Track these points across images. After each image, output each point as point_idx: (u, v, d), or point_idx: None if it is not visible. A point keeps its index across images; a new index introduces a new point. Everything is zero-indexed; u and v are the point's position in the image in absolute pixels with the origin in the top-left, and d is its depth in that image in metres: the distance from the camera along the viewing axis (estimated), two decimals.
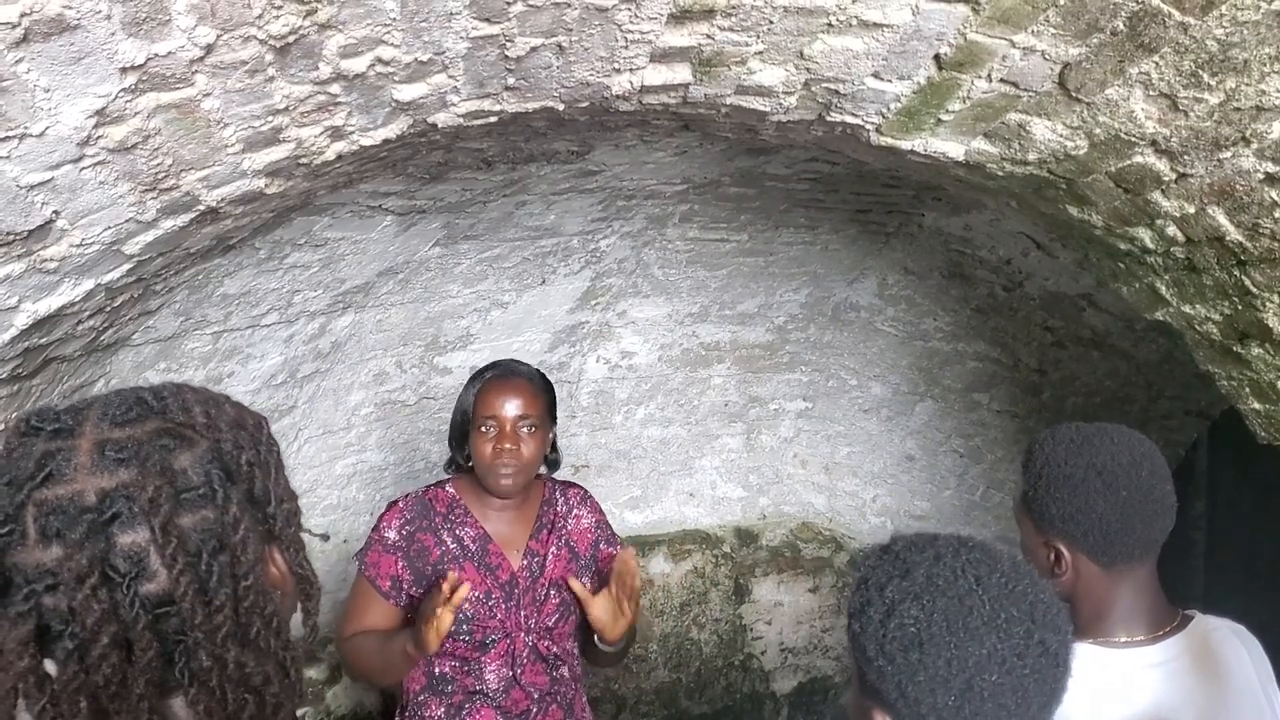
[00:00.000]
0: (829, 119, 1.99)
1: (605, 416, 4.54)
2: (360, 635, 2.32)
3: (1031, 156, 1.93)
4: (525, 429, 2.30)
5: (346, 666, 2.38)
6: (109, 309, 2.10)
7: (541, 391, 2.40)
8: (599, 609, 2.26)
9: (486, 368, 2.45)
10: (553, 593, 2.37)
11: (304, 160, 1.83)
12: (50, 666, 0.81)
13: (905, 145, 2.01)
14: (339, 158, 1.88)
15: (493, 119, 1.94)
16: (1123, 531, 1.60)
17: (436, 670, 2.34)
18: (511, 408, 2.29)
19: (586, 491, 2.61)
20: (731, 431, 4.79)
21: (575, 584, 2.32)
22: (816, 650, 4.93)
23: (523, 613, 2.34)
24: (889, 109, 1.89)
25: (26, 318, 1.78)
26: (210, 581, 0.82)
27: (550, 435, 2.42)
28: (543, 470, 2.48)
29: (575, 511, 2.51)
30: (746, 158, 3.26)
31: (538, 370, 2.47)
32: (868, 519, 4.93)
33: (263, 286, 2.77)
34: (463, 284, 3.58)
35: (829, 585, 4.92)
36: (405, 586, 2.33)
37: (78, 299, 1.85)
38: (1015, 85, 1.74)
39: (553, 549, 2.41)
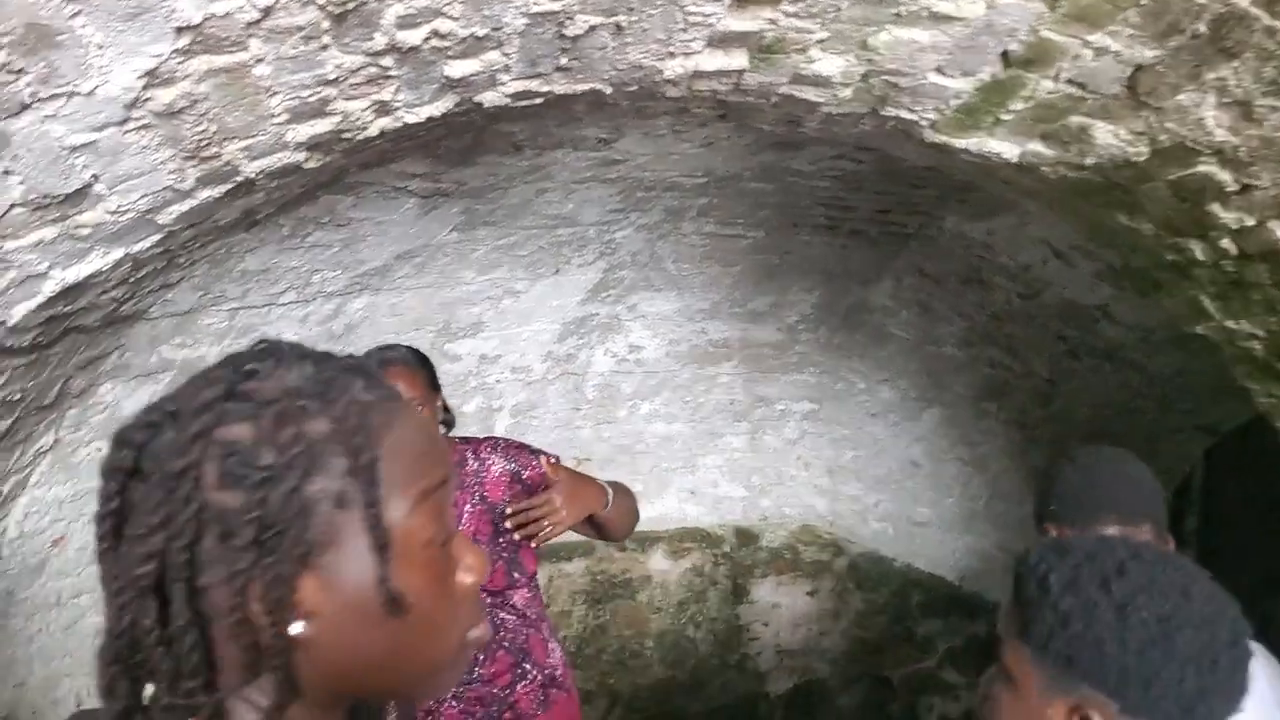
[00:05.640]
0: (882, 113, 1.94)
1: (610, 410, 4.48)
2: None
3: (1089, 161, 1.89)
4: (413, 403, 2.37)
5: None
6: (133, 280, 2.04)
7: (418, 369, 2.43)
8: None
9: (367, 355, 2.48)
10: None
11: (347, 135, 1.78)
12: None
13: (959, 144, 1.96)
14: (381, 134, 1.83)
15: (538, 100, 1.89)
16: None
17: None
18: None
19: (499, 439, 2.62)
20: (736, 431, 4.75)
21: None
22: (813, 653, 4.89)
23: None
24: (948, 105, 1.85)
25: (55, 285, 1.72)
26: (127, 562, 0.81)
27: (438, 404, 2.45)
28: (452, 435, 2.56)
29: (486, 463, 2.53)
30: (772, 152, 3.21)
31: (406, 349, 2.48)
32: (869, 524, 4.90)
33: (283, 264, 2.71)
34: (477, 271, 3.53)
35: (828, 589, 4.88)
36: None
37: (106, 268, 1.80)
38: (1082, 87, 1.70)
39: (466, 508, 2.47)
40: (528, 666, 2.54)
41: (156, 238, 1.83)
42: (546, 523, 2.31)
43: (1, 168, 1.36)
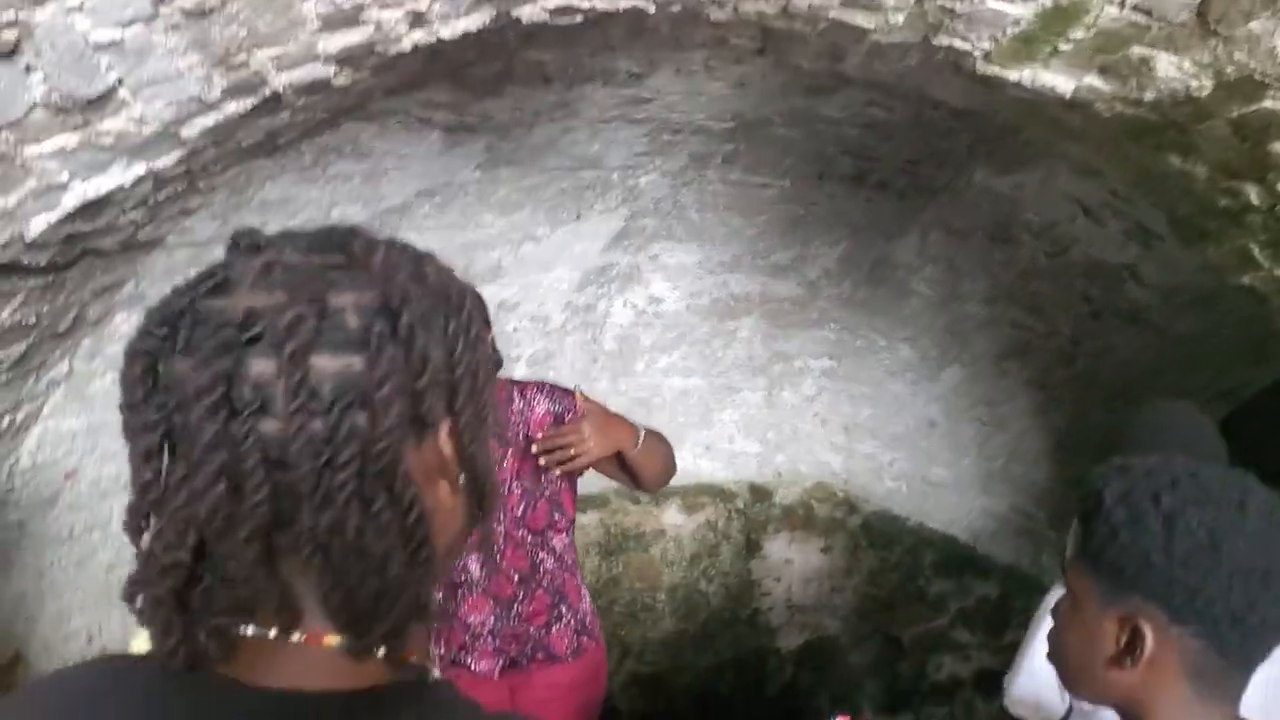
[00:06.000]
0: (934, 43, 1.87)
1: (628, 363, 4.43)
2: None
3: (1148, 96, 1.81)
4: None
5: None
6: (152, 202, 1.98)
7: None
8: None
9: None
10: (515, 485, 2.52)
11: (379, 48, 1.71)
12: None
13: (1012, 76, 1.89)
14: (414, 50, 1.76)
15: (578, 18, 1.82)
16: None
17: None
18: None
19: (545, 382, 2.66)
20: (753, 386, 4.69)
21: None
22: (824, 610, 4.87)
23: None
24: (1004, 33, 1.78)
25: (74, 198, 1.66)
26: (337, 436, 0.72)
27: (489, 339, 2.47)
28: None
29: (532, 403, 2.57)
30: (803, 96, 3.13)
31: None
32: (884, 483, 4.85)
33: (302, 196, 2.64)
34: (498, 213, 3.46)
35: (841, 546, 4.84)
36: None
37: (127, 184, 1.73)
38: (1149, 14, 1.63)
39: (510, 446, 2.53)
40: (563, 609, 2.58)
41: (179, 154, 1.76)
42: (573, 451, 2.33)
43: (23, 63, 1.30)
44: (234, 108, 1.69)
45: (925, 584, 4.83)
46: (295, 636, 0.77)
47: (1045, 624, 2.23)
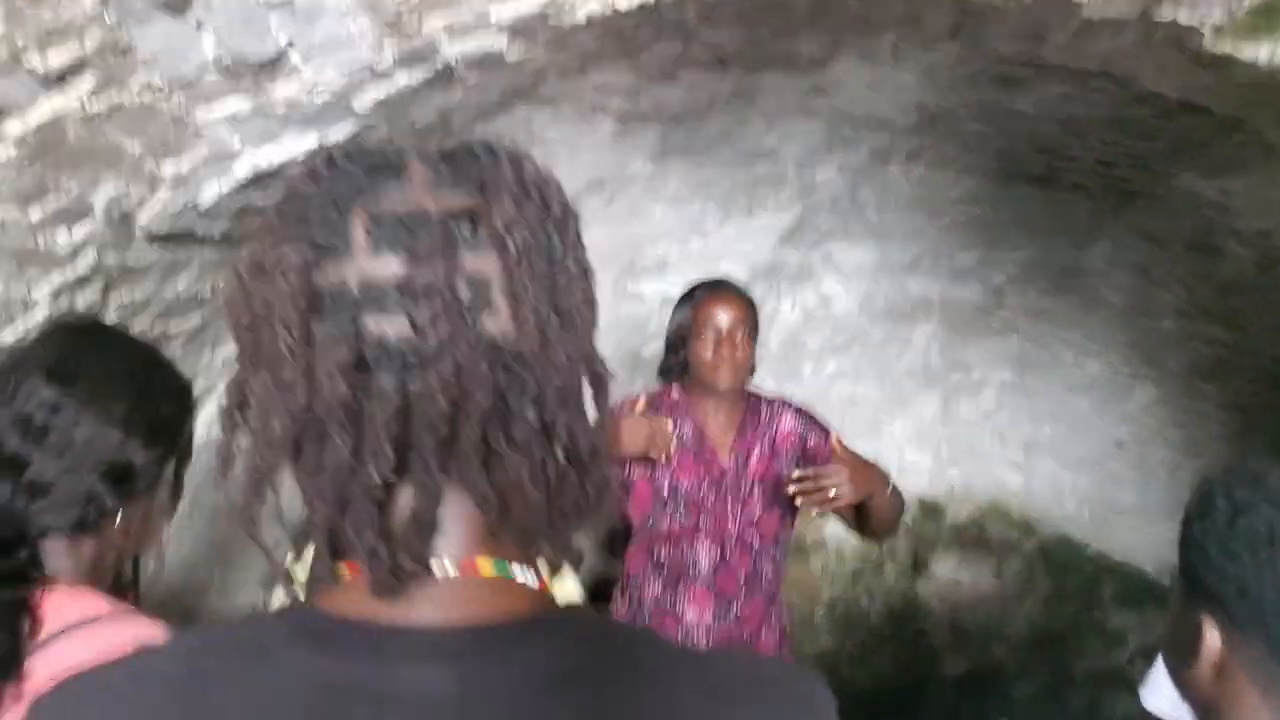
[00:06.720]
0: (1154, 19, 1.69)
1: (794, 365, 4.30)
2: None
3: None
4: (740, 334, 2.56)
5: None
6: None
7: (750, 304, 2.65)
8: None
9: (702, 285, 2.72)
10: (756, 488, 2.62)
11: (552, 20, 1.64)
12: None
13: (1247, 55, 1.69)
14: (588, 22, 1.69)
15: None
16: None
17: (655, 555, 2.63)
18: (729, 316, 2.56)
19: (788, 401, 2.79)
20: (927, 396, 4.49)
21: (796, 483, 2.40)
22: (993, 636, 4.61)
23: (728, 501, 2.60)
24: (1240, 4, 1.59)
25: (246, 167, 1.65)
26: (549, 330, 0.69)
27: (755, 341, 2.65)
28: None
29: (779, 416, 2.71)
30: (994, 88, 2.95)
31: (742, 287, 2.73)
32: (1064, 506, 4.57)
33: None
34: (668, 205, 3.39)
35: (1014, 571, 4.59)
36: None
37: (300, 155, 1.72)
38: None
39: (756, 449, 2.64)
40: (773, 619, 2.67)
41: (351, 126, 1.74)
42: (832, 493, 2.33)
43: (194, 19, 1.28)
44: (405, 80, 1.65)
45: (1103, 616, 4.53)
46: (450, 570, 0.71)
47: None
